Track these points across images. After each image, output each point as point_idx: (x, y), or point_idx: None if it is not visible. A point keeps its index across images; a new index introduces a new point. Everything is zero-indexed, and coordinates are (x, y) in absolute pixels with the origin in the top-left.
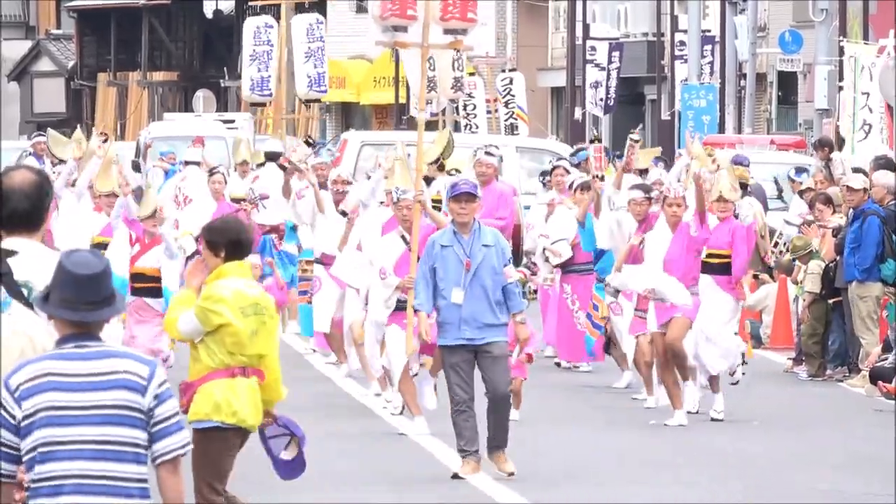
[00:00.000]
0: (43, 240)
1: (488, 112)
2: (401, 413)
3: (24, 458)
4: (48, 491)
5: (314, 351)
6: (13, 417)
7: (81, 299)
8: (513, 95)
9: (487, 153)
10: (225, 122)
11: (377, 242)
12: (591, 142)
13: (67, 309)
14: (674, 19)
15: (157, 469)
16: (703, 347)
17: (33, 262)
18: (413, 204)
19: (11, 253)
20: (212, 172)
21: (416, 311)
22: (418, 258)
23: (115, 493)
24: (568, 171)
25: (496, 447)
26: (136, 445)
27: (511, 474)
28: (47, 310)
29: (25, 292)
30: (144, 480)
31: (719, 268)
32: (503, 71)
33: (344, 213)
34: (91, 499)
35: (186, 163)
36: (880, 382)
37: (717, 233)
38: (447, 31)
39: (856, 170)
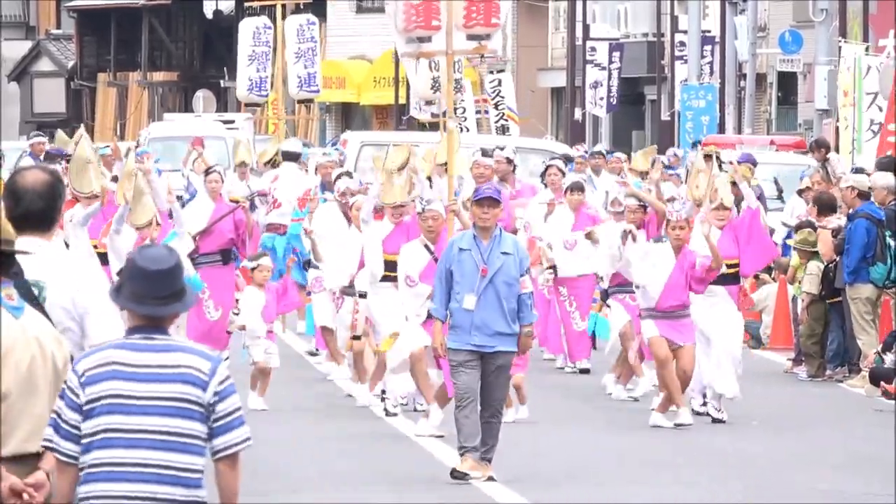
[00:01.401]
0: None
1: (478, 113)
2: (401, 412)
3: (83, 442)
4: (103, 476)
5: (314, 353)
6: (77, 397)
7: (150, 294)
8: (502, 97)
9: (484, 154)
10: (225, 122)
11: (391, 254)
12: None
13: (136, 303)
14: (674, 20)
15: (215, 463)
16: (719, 373)
17: (45, 262)
18: (438, 214)
19: (24, 252)
20: (208, 171)
21: (431, 315)
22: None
23: (171, 483)
24: (562, 172)
25: (483, 459)
26: (195, 437)
27: (490, 478)
28: (119, 302)
29: (36, 291)
30: (200, 471)
31: (730, 278)
32: (492, 72)
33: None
34: (147, 486)
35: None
36: (882, 383)
37: (722, 242)
38: (470, 38)
39: (859, 170)
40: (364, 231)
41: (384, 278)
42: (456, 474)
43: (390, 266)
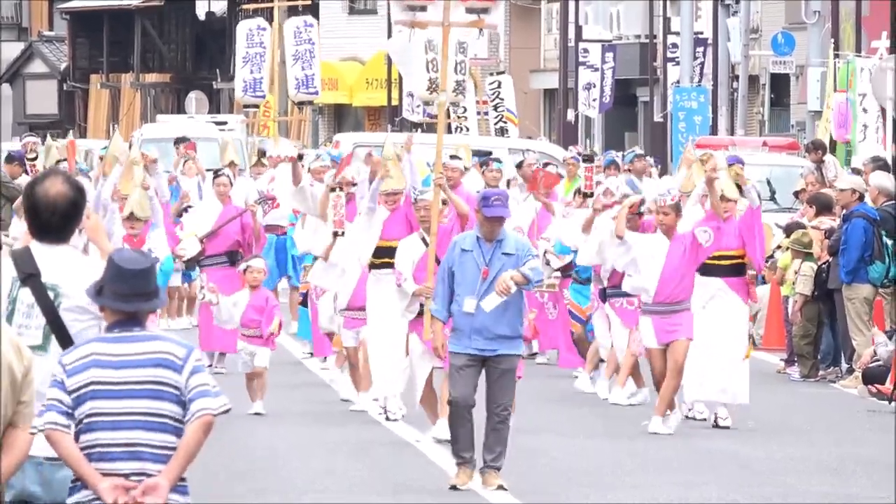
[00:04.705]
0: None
1: (478, 114)
2: (401, 418)
3: (74, 427)
4: (95, 456)
5: (311, 355)
6: (63, 383)
7: (134, 292)
8: (501, 98)
9: (452, 157)
10: (217, 123)
11: (401, 246)
12: (585, 160)
13: (124, 301)
14: (666, 21)
15: (188, 426)
16: (728, 378)
17: (62, 266)
18: (430, 204)
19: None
20: (217, 174)
21: (432, 316)
22: (437, 259)
23: (152, 460)
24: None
25: (491, 467)
26: (173, 419)
27: (500, 487)
28: (101, 301)
29: (52, 295)
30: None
31: (731, 269)
32: (491, 74)
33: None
34: (132, 464)
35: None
36: (870, 385)
37: (725, 234)
38: (469, 11)
39: (855, 171)
40: (360, 223)
41: (382, 265)
42: (453, 487)
43: (386, 252)
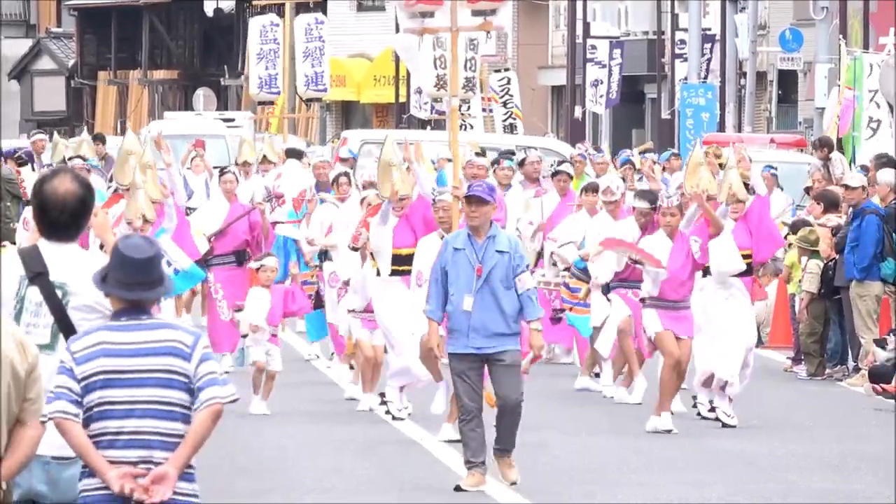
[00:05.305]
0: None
1: (484, 111)
2: (406, 417)
3: (84, 415)
4: (104, 444)
5: (318, 357)
6: (72, 370)
7: (136, 280)
8: (511, 95)
9: (478, 154)
10: (225, 120)
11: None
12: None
13: (125, 290)
14: (674, 18)
15: (196, 414)
16: (726, 361)
17: (70, 264)
18: (450, 205)
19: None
20: (223, 172)
21: (427, 317)
22: None
23: (161, 448)
24: (571, 177)
25: (502, 450)
26: (181, 406)
27: (513, 483)
28: (105, 289)
29: (60, 293)
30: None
31: (746, 269)
32: (498, 71)
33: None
34: (142, 452)
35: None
36: (875, 384)
37: (737, 234)
38: (475, 13)
39: (863, 168)
40: (374, 232)
41: (392, 272)
42: (460, 490)
43: (398, 260)
